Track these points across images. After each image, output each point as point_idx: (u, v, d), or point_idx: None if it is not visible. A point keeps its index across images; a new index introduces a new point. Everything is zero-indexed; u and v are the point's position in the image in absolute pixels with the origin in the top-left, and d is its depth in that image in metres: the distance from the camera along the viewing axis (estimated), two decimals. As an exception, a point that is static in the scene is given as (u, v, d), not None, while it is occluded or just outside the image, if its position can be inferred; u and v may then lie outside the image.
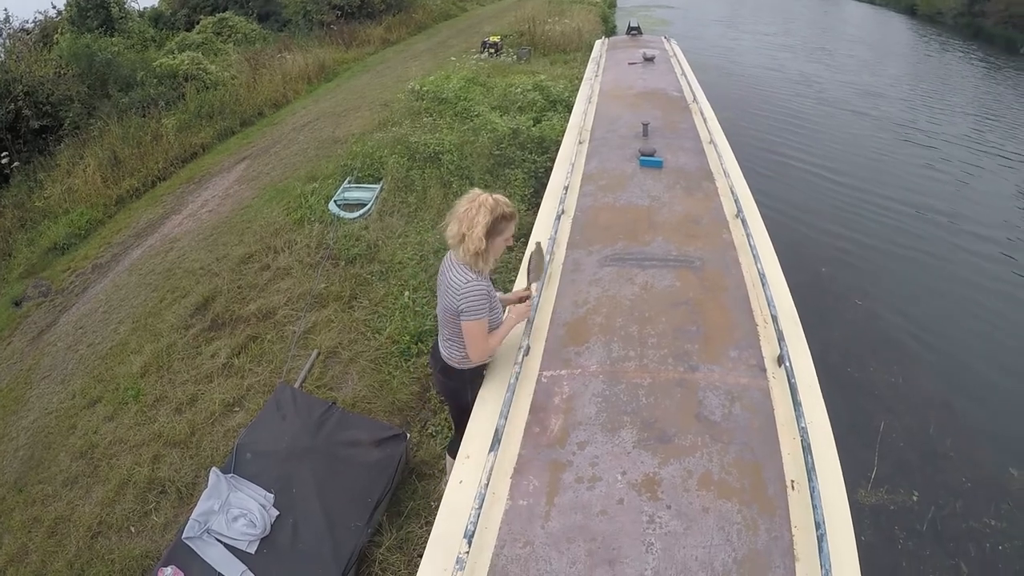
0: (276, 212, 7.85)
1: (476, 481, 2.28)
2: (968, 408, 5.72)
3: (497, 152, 8.01)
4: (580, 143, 5.59)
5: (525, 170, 7.81)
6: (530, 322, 3.08)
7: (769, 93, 15.79)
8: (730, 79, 16.77)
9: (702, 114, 6.12)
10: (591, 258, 3.77)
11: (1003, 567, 4.35)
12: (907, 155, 11.89)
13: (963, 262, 8.19)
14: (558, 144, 6.01)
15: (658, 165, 4.95)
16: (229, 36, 21.32)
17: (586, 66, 9.15)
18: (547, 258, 3.59)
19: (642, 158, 4.99)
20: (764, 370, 2.82)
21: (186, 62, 15.58)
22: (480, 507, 2.15)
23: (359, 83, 14.69)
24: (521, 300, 3.15)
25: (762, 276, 3.37)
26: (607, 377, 2.83)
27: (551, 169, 5.38)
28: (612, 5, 26.45)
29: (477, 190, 2.75)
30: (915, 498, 4.76)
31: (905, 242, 8.56)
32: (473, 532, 2.07)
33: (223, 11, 22.92)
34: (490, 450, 2.38)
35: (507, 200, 2.75)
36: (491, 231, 2.65)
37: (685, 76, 7.69)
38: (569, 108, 7.95)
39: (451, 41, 18.29)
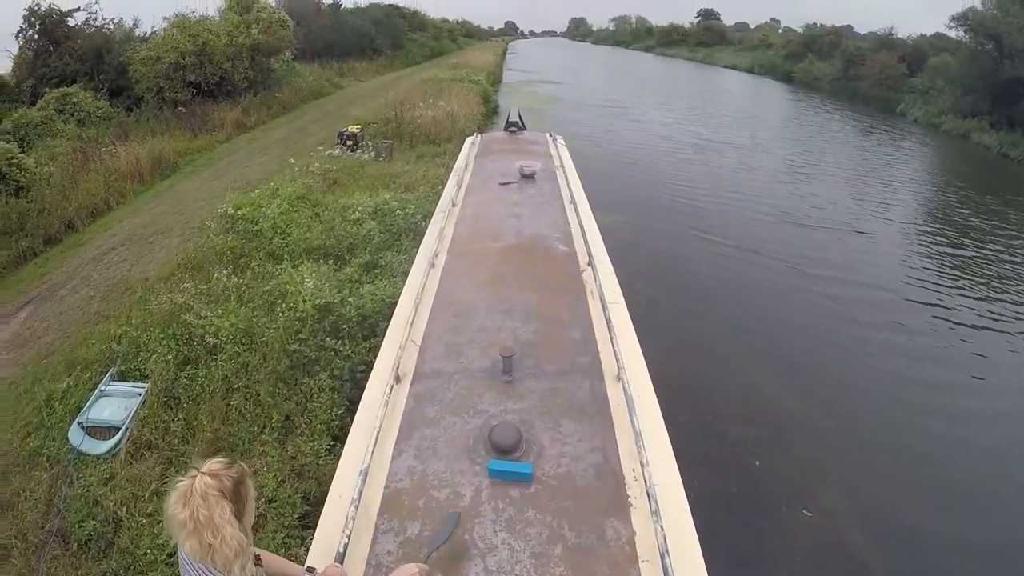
0: (14, 429, 5.85)
1: None
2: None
3: (294, 347, 5.74)
4: (397, 381, 3.07)
5: (335, 372, 5.53)
6: None
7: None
8: (622, 168, 16.28)
9: (602, 298, 3.74)
10: None
11: None
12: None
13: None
14: (390, 314, 3.84)
15: (525, 478, 2.43)
16: (72, 114, 18.98)
17: (455, 162, 7.13)
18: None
19: (494, 463, 2.47)
20: None
21: (-5, 156, 13.15)
22: None
23: (192, 186, 12.69)
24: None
25: None
26: None
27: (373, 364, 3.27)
28: (496, 82, 25.51)
29: (182, 483, 1.85)
30: None
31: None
32: None
33: (72, 83, 20.47)
34: None
35: (221, 461, 1.91)
36: (238, 512, 1.87)
37: (575, 205, 5.56)
38: (419, 237, 5.70)
39: (312, 127, 16.58)
